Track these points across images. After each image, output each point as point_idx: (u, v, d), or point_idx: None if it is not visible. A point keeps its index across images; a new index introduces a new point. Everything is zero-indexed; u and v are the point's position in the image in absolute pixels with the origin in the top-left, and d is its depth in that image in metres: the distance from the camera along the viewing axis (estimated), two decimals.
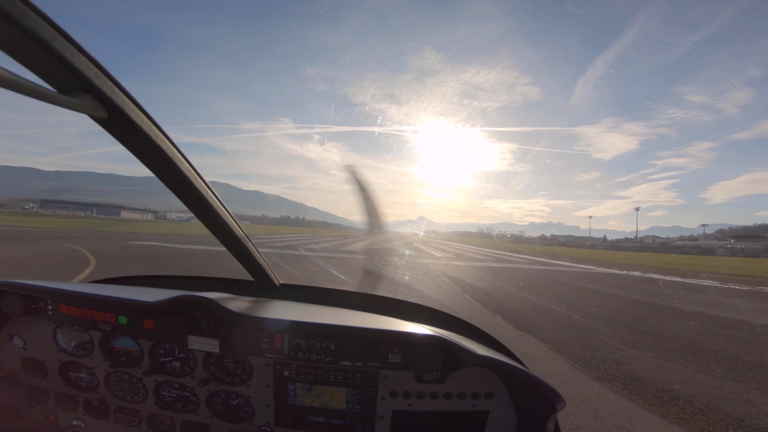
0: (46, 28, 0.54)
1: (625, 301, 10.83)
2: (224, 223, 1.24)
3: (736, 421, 3.61)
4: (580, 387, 4.20)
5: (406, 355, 1.20)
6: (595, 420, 3.42)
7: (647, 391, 4.21)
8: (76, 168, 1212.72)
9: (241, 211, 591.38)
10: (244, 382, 1.28)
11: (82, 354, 1.35)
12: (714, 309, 10.26)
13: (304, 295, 1.66)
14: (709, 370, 5.06)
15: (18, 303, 1.32)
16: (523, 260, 28.70)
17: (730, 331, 7.52)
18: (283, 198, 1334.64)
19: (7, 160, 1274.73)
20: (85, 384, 1.38)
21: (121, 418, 1.35)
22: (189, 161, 0.99)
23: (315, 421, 1.27)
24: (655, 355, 5.64)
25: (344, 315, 1.38)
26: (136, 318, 1.27)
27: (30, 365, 1.39)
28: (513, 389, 1.26)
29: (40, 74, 0.60)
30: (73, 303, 1.30)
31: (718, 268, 31.91)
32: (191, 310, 1.23)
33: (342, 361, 1.23)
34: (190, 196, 1.07)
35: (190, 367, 1.31)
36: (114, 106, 0.72)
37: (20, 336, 1.39)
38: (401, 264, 17.94)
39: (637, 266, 28.74)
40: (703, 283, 18.27)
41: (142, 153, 0.90)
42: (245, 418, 1.31)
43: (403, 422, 1.27)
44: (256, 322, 1.21)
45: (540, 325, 6.97)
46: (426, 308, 1.61)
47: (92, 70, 0.65)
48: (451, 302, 8.83)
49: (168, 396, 1.33)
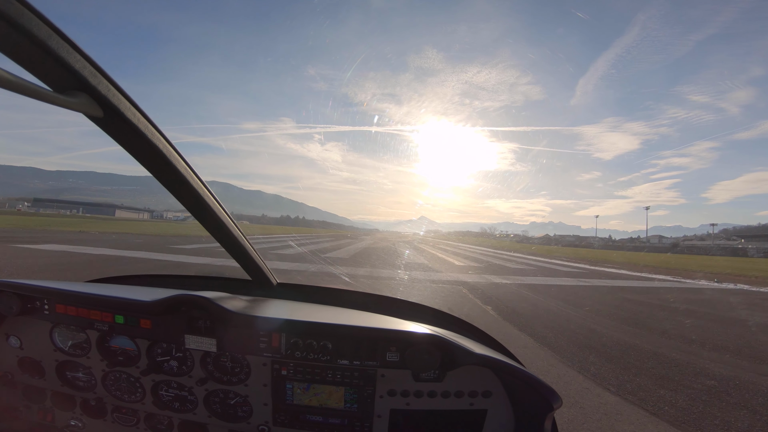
0: (41, 26, 0.54)
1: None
2: (221, 222, 1.23)
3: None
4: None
5: (404, 354, 1.19)
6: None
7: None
8: (77, 168, 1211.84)
9: (240, 211, 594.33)
10: (241, 381, 1.29)
11: (79, 353, 1.35)
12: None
13: (301, 294, 1.66)
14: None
15: (14, 302, 1.32)
16: (576, 270, 20.35)
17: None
18: (283, 198, 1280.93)
19: (10, 160, 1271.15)
20: (82, 384, 1.38)
21: (119, 417, 1.36)
22: (186, 160, 0.99)
23: (313, 420, 1.28)
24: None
25: (342, 314, 1.38)
26: (133, 317, 1.27)
27: (27, 365, 1.39)
28: (511, 388, 1.26)
29: (35, 73, 0.60)
30: (69, 302, 1.30)
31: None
32: (188, 309, 1.23)
33: (340, 359, 1.23)
34: (187, 195, 1.07)
35: (187, 367, 1.31)
36: (110, 105, 0.72)
37: (17, 336, 1.39)
38: (413, 282, 11.38)
39: (717, 275, 21.49)
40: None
41: (138, 152, 0.90)
42: (243, 418, 1.31)
43: (401, 421, 1.27)
44: (254, 321, 1.21)
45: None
46: (424, 307, 1.60)
47: (88, 68, 0.65)
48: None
49: (165, 395, 1.33)
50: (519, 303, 8.90)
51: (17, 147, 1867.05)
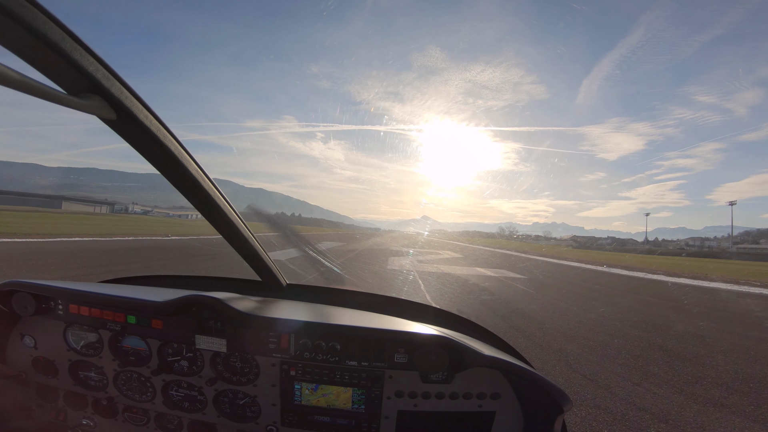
0: (54, 30, 0.55)
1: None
2: (231, 223, 1.24)
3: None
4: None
5: (412, 356, 1.20)
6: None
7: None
8: (81, 164, 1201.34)
9: (240, 209, 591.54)
10: (250, 382, 1.30)
11: (92, 353, 1.37)
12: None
13: (310, 296, 1.66)
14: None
15: (29, 302, 1.34)
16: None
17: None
18: (287, 196, 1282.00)
19: (14, 157, 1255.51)
20: (94, 383, 1.40)
21: (130, 417, 1.37)
22: (196, 161, 1.00)
23: (321, 421, 1.28)
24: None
25: (350, 315, 1.38)
26: (145, 318, 1.29)
27: (40, 364, 1.41)
28: (520, 390, 1.25)
29: (49, 76, 0.61)
30: (83, 303, 1.32)
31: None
32: (199, 309, 1.25)
33: (348, 361, 1.24)
34: (198, 196, 1.08)
35: (197, 367, 1.32)
36: (122, 108, 0.73)
37: (31, 335, 1.41)
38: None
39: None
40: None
41: (150, 153, 0.91)
42: (252, 418, 1.32)
43: (408, 422, 1.27)
44: (263, 322, 1.22)
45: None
46: (432, 308, 1.61)
47: (101, 71, 0.65)
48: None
49: (176, 395, 1.35)
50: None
51: (23, 144, 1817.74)
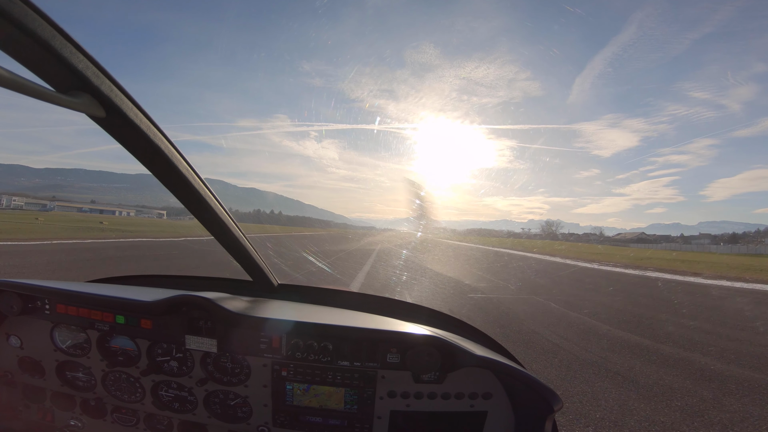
0: (45, 27, 0.54)
1: None
2: (222, 222, 1.24)
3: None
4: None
5: (404, 356, 1.21)
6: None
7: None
8: (69, 166, 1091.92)
9: (235, 209, 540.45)
10: (241, 382, 1.29)
11: (80, 353, 1.35)
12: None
13: (302, 296, 1.67)
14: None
15: (15, 302, 1.32)
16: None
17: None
18: (280, 196, 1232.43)
19: (3, 159, 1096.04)
20: (82, 383, 1.38)
21: (119, 417, 1.35)
22: (187, 161, 1.00)
23: (313, 421, 1.28)
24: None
25: (342, 315, 1.39)
26: (134, 317, 1.27)
27: (27, 365, 1.38)
28: (511, 390, 1.26)
29: (38, 73, 0.61)
30: (70, 302, 1.30)
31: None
32: (189, 309, 1.23)
33: (340, 361, 1.24)
34: (189, 195, 1.08)
35: (187, 367, 1.31)
36: (112, 105, 0.72)
37: (17, 335, 1.38)
38: None
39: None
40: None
41: (140, 152, 0.90)
42: (243, 418, 1.32)
43: (401, 423, 1.27)
44: (254, 322, 1.22)
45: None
46: (424, 308, 1.62)
47: (90, 69, 0.65)
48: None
49: (165, 396, 1.33)
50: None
51: (12, 146, 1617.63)
